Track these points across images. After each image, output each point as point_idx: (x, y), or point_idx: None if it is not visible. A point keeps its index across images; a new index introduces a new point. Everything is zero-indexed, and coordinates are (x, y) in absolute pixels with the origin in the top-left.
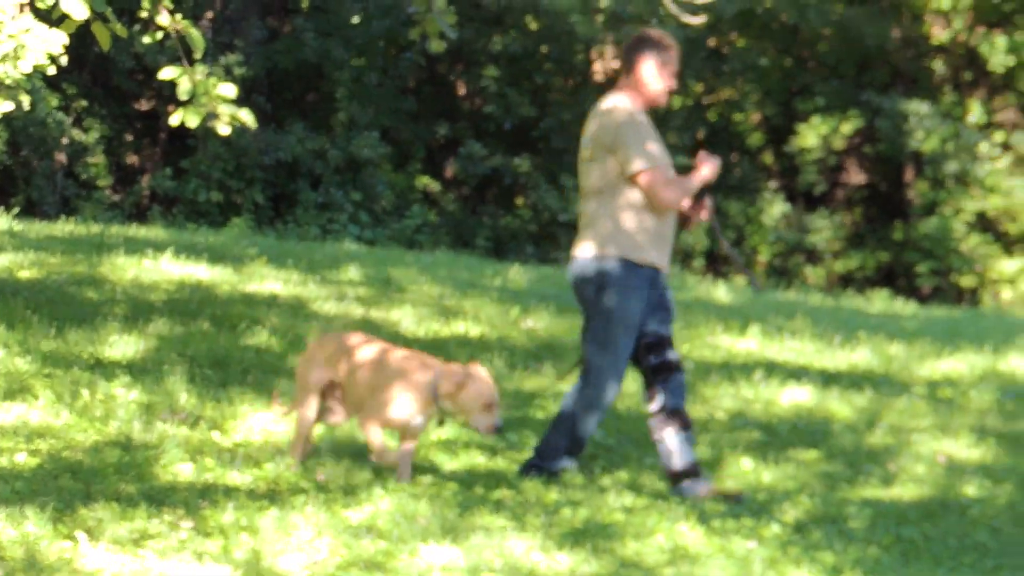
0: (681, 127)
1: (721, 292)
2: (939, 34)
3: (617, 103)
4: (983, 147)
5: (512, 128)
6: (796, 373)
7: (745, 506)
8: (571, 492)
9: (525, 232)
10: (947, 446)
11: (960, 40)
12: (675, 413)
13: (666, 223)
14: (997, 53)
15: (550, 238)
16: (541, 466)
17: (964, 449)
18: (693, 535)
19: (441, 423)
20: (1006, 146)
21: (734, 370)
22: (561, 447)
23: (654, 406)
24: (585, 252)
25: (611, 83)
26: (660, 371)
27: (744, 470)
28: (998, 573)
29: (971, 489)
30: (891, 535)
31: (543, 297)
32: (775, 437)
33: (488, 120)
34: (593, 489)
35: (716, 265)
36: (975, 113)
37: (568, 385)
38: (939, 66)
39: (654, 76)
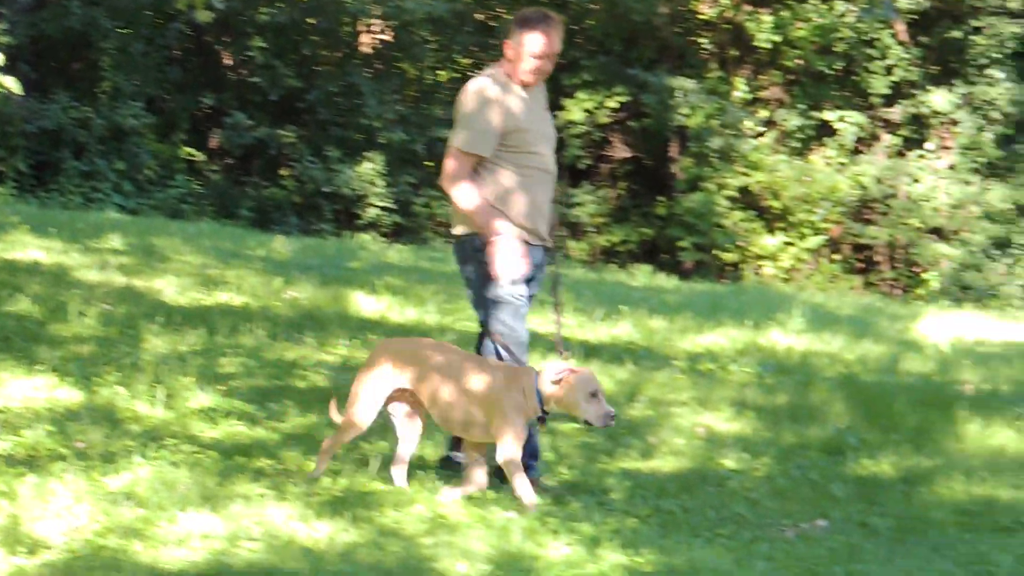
0: (448, 100)
1: None
2: (706, 11)
3: (483, 75)
4: (748, 124)
5: (278, 99)
6: (553, 344)
7: (501, 478)
8: (331, 462)
9: (289, 203)
10: (707, 419)
11: (727, 17)
12: None
13: (537, 197)
14: (763, 30)
15: (314, 209)
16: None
17: (723, 422)
18: (452, 505)
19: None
20: (770, 123)
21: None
22: None
23: None
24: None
25: (378, 55)
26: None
27: None
28: (755, 544)
29: (729, 461)
30: (650, 507)
31: (306, 268)
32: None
33: (254, 91)
34: (353, 458)
35: None
36: (740, 90)
37: None
38: (705, 43)
39: (518, 55)
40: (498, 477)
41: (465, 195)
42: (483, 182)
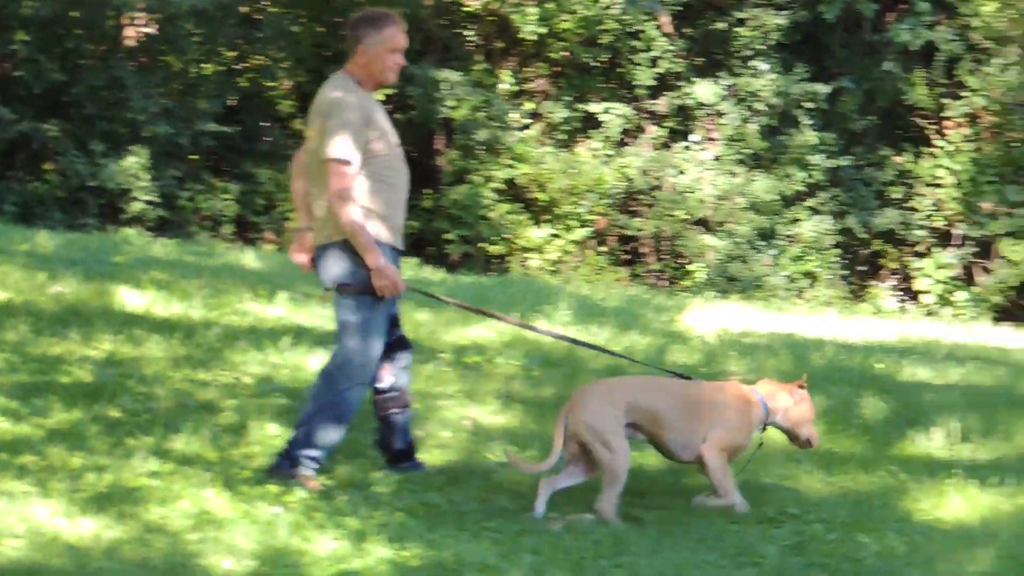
0: (212, 94)
1: (250, 258)
2: (471, 2)
3: (335, 84)
4: (513, 116)
5: (42, 93)
6: (324, 339)
7: (268, 473)
8: (97, 457)
9: (53, 198)
10: (473, 412)
11: (492, 9)
12: (402, 393)
13: (401, 201)
14: (528, 22)
15: (78, 204)
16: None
17: (490, 415)
18: (219, 500)
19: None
20: (536, 115)
21: (262, 336)
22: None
23: (383, 384)
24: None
25: (143, 49)
26: (393, 349)
27: (270, 435)
28: (522, 537)
29: (496, 455)
30: (416, 500)
31: (71, 263)
32: (302, 403)
33: (18, 85)
34: (119, 454)
35: (245, 232)
36: (506, 82)
37: None
38: (471, 35)
39: (377, 56)
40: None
41: (355, 216)
42: (354, 192)
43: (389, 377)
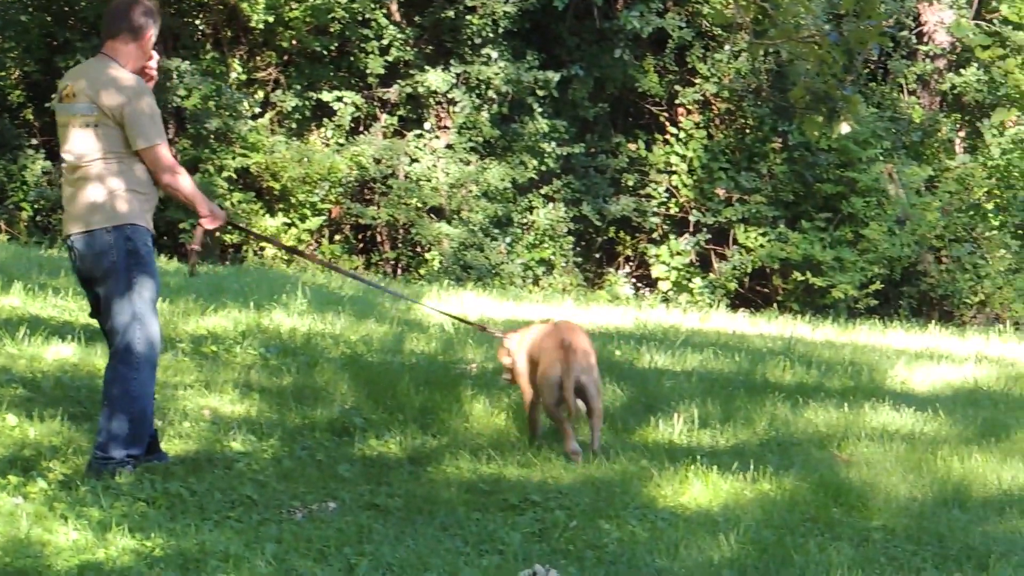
0: None
1: None
2: None
3: (123, 71)
4: (245, 105)
5: None
6: (60, 330)
7: (10, 462)
8: None
9: None
10: (212, 401)
11: None
12: None
13: None
14: (257, 11)
15: None
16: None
17: (229, 404)
18: None
19: None
20: (267, 103)
21: None
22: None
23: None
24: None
25: None
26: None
27: (9, 426)
28: (264, 527)
29: (236, 444)
30: (157, 490)
31: None
32: (40, 393)
33: None
34: None
35: None
36: (236, 71)
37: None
38: (199, 23)
39: (150, 46)
40: None
41: (189, 181)
42: (133, 171)
43: None
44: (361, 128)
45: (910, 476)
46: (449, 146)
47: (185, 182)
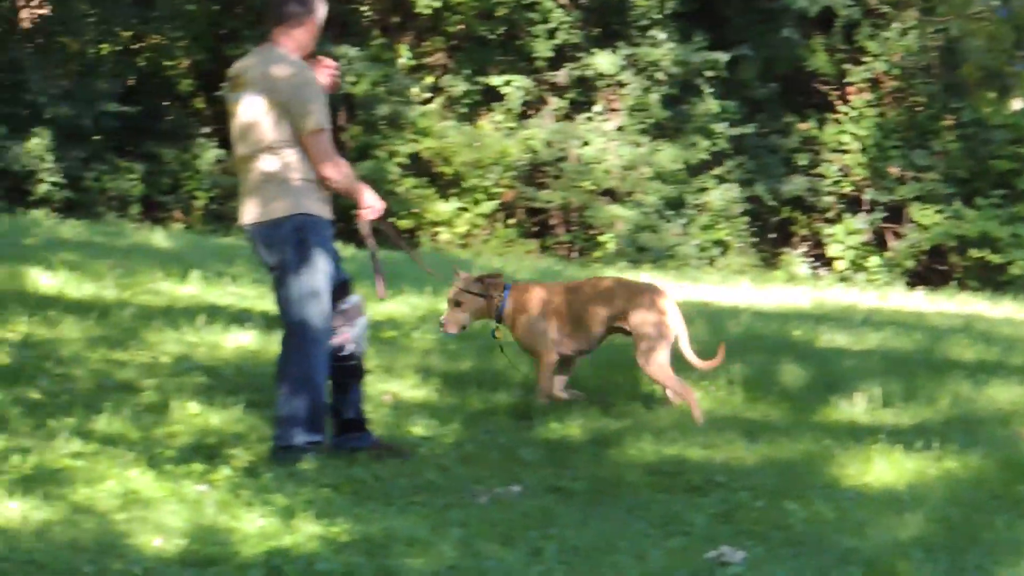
0: (111, 74)
1: (159, 238)
2: None
3: (290, 58)
4: (414, 90)
5: None
6: (239, 317)
7: (194, 450)
8: (20, 439)
9: None
10: (393, 386)
11: None
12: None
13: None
14: None
15: None
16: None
17: (410, 389)
18: (144, 480)
19: None
20: (437, 89)
21: (176, 315)
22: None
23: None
24: (273, 212)
25: (38, 30)
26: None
27: (191, 413)
28: (449, 511)
29: (418, 429)
30: (342, 476)
31: None
32: (221, 381)
33: None
34: (41, 435)
35: (152, 212)
36: (404, 56)
37: None
38: (366, 10)
39: (318, 28)
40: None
41: (347, 170)
42: (304, 159)
43: (350, 344)
44: (531, 112)
45: None
46: (620, 128)
47: (345, 172)
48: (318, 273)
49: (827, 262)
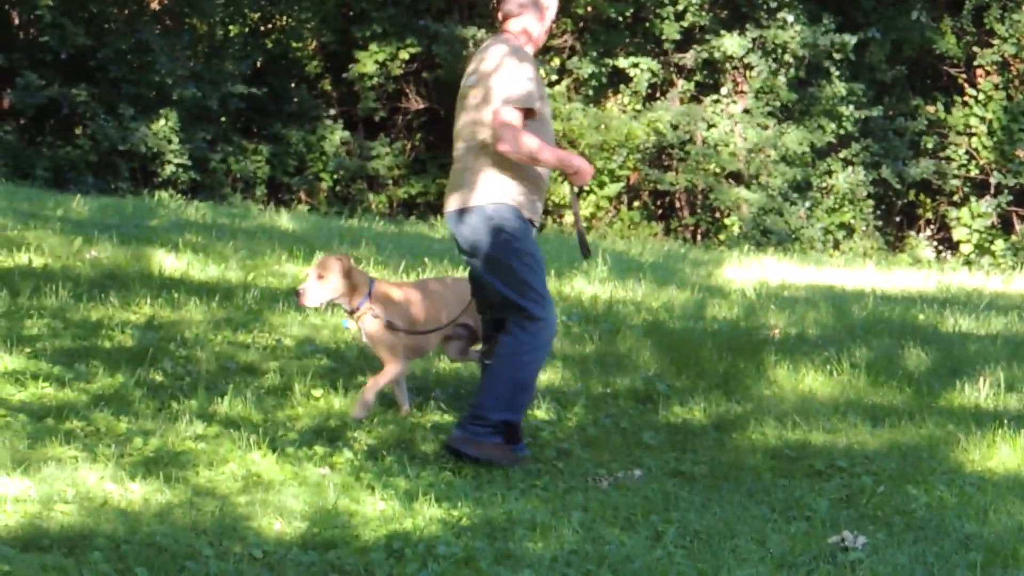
0: (238, 56)
1: (284, 220)
2: None
3: (508, 46)
4: (541, 72)
5: (68, 58)
6: None
7: (316, 433)
8: (142, 422)
9: (85, 162)
10: None
11: None
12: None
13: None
14: None
15: (110, 168)
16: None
17: None
18: (265, 463)
19: None
20: (564, 70)
21: None
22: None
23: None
24: (472, 200)
25: (167, 11)
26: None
27: (315, 396)
28: (570, 495)
29: (540, 412)
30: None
31: (105, 227)
32: (344, 363)
33: (44, 50)
34: (164, 417)
35: (278, 193)
36: None
37: None
38: None
39: (548, 17)
40: None
41: (531, 140)
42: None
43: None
44: (657, 94)
45: None
46: (746, 111)
47: (529, 144)
48: (524, 265)
49: (953, 246)
